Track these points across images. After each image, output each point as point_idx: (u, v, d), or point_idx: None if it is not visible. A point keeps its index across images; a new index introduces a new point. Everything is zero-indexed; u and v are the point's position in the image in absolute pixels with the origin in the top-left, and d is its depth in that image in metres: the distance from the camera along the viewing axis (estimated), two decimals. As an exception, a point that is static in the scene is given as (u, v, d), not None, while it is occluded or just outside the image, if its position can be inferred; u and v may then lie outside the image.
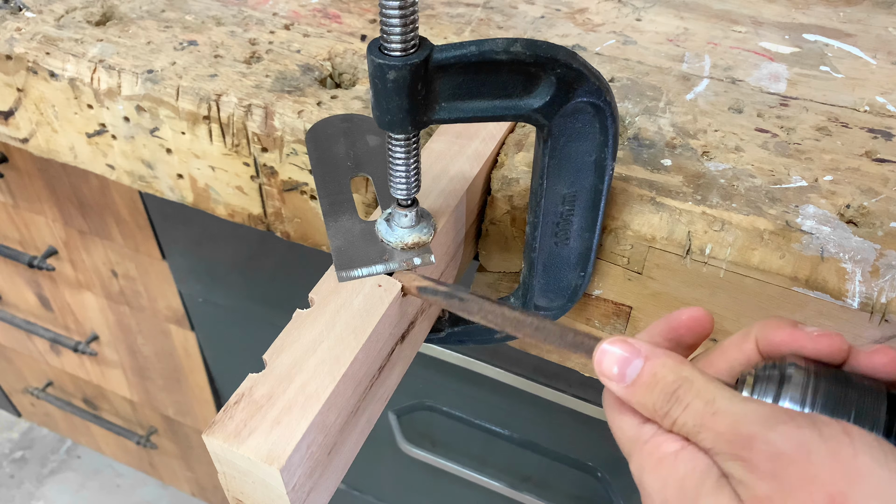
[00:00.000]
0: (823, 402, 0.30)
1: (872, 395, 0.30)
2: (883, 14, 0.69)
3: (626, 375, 0.32)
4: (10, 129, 0.66)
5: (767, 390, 0.31)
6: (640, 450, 0.32)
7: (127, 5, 0.66)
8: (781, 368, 0.31)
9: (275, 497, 0.35)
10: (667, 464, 0.31)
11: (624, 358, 0.33)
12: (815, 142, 0.52)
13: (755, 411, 0.29)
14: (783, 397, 0.30)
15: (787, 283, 0.44)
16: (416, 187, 0.41)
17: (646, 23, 0.67)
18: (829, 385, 0.30)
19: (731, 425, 0.29)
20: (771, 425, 0.28)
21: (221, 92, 0.56)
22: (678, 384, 0.31)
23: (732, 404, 0.30)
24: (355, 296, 0.41)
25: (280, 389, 0.36)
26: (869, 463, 0.27)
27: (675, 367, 0.32)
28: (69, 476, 1.76)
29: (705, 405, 0.30)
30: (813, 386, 0.30)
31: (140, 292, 0.99)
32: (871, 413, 0.30)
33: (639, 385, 0.32)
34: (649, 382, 0.32)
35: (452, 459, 0.87)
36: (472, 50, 0.36)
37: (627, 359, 0.33)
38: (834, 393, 0.30)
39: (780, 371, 0.31)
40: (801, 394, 0.30)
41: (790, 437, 0.28)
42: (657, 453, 0.31)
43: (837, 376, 0.31)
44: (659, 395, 0.32)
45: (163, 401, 1.23)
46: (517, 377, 0.73)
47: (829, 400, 0.30)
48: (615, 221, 0.47)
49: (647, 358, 0.32)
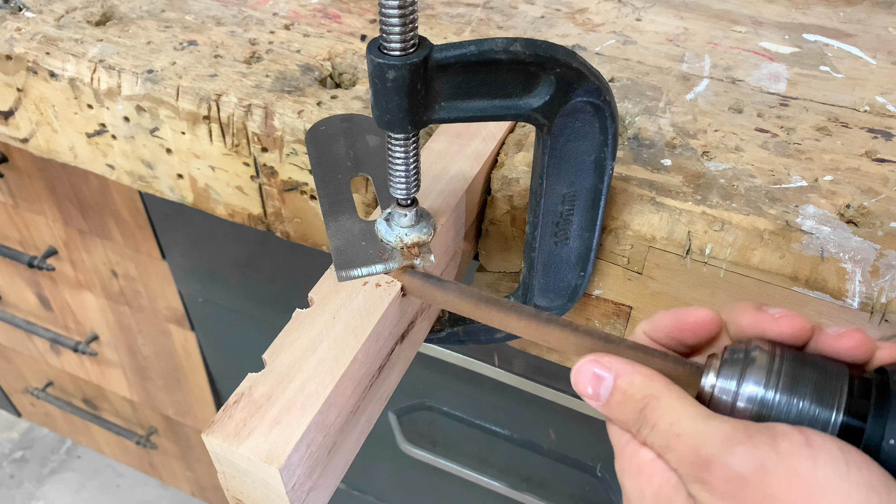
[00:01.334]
0: (784, 384, 0.30)
1: (833, 377, 0.31)
2: (883, 14, 0.69)
3: (600, 395, 0.33)
4: (10, 129, 0.66)
5: (732, 373, 0.31)
6: (622, 453, 0.33)
7: (127, 5, 0.66)
8: (746, 352, 0.32)
9: (274, 497, 0.35)
10: (644, 473, 0.31)
11: (596, 376, 0.33)
12: (815, 142, 0.52)
13: (716, 431, 0.29)
14: (746, 380, 0.31)
15: (787, 283, 0.44)
16: (415, 187, 0.41)
17: (646, 23, 0.67)
18: (791, 367, 0.31)
19: (692, 448, 0.29)
20: (729, 446, 0.28)
21: (221, 92, 0.56)
22: (645, 402, 0.32)
23: (695, 424, 0.30)
24: (355, 295, 0.41)
25: (280, 389, 0.36)
26: (830, 475, 0.27)
27: (643, 384, 0.32)
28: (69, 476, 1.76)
29: (670, 426, 0.31)
30: (776, 368, 0.31)
31: (140, 292, 0.99)
32: (831, 394, 0.30)
33: (612, 403, 0.33)
34: (620, 401, 0.33)
35: (452, 459, 0.87)
36: (472, 49, 0.36)
37: (599, 377, 0.33)
38: (795, 375, 0.31)
39: (744, 354, 0.32)
40: (763, 376, 0.31)
41: (746, 457, 0.28)
42: (636, 460, 0.32)
43: (800, 358, 0.31)
44: (630, 413, 0.32)
45: (163, 401, 1.23)
46: (517, 377, 0.73)
47: (789, 381, 0.30)
48: (615, 221, 0.47)
49: (617, 376, 0.33)
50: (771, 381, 0.31)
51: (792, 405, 0.30)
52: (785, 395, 0.30)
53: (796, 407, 0.30)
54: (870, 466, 0.27)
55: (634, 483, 0.32)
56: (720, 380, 0.32)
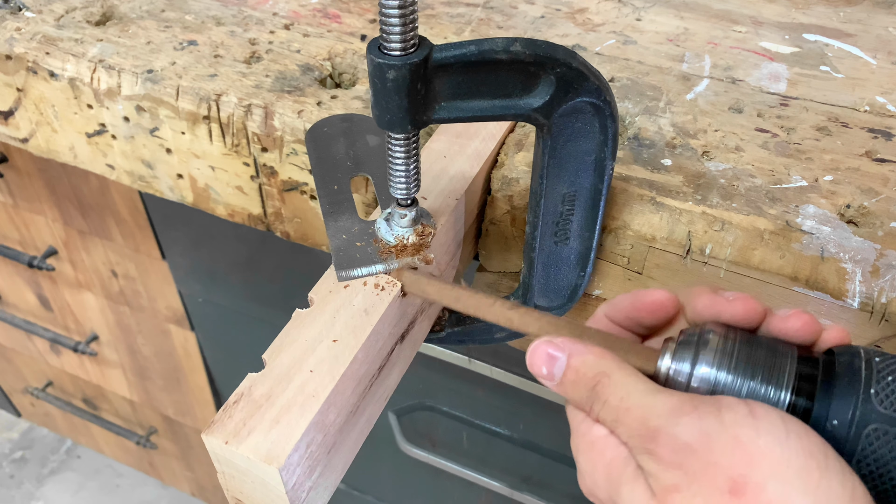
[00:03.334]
0: (735, 365, 0.32)
1: (782, 358, 0.32)
2: (883, 14, 0.69)
3: (554, 374, 0.34)
4: (10, 129, 0.66)
5: (686, 356, 0.33)
6: (577, 430, 0.34)
7: (127, 5, 0.66)
8: (700, 335, 0.33)
9: (274, 497, 0.35)
10: (597, 448, 0.33)
11: (550, 357, 0.34)
12: (816, 142, 0.52)
13: (664, 404, 0.30)
14: (699, 361, 0.32)
15: (788, 283, 0.44)
16: (415, 187, 0.41)
17: (646, 23, 0.67)
18: (742, 349, 0.32)
19: (641, 420, 0.30)
20: (676, 417, 0.29)
21: (221, 92, 0.56)
22: (597, 380, 0.33)
23: (644, 397, 0.31)
24: (355, 295, 0.41)
25: (279, 389, 0.36)
26: (770, 443, 0.28)
27: (595, 362, 0.33)
28: (69, 476, 1.76)
29: (620, 400, 0.32)
30: (728, 350, 0.32)
31: (140, 292, 0.99)
32: (780, 375, 0.31)
33: (565, 382, 0.34)
34: (573, 379, 0.33)
35: (452, 459, 0.87)
36: (472, 49, 0.36)
37: (553, 357, 0.34)
38: (746, 356, 0.32)
39: (698, 337, 0.33)
40: (715, 357, 0.32)
41: (692, 427, 0.29)
42: (589, 436, 0.33)
43: (751, 340, 0.33)
44: (582, 390, 0.33)
45: (163, 401, 1.23)
46: (517, 377, 0.73)
47: (740, 363, 0.32)
48: (615, 221, 0.47)
49: (570, 355, 0.34)
50: (723, 363, 0.32)
51: (743, 385, 0.32)
52: (736, 375, 0.32)
53: (747, 387, 0.32)
54: (809, 435, 0.29)
55: (587, 458, 0.33)
56: (675, 362, 0.33)
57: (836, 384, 0.31)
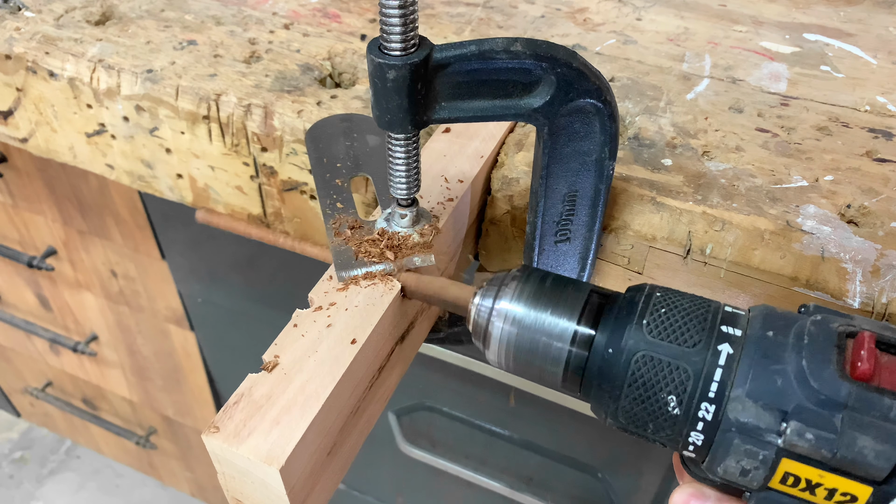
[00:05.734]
0: (530, 299, 0.35)
1: (577, 293, 0.35)
2: (883, 14, 0.69)
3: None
4: (10, 128, 0.66)
5: (490, 293, 0.37)
6: None
7: (126, 5, 0.66)
8: (504, 276, 0.37)
9: (274, 497, 0.35)
10: None
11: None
12: (816, 141, 0.52)
13: None
14: (500, 297, 0.36)
15: (788, 283, 0.44)
16: (415, 187, 0.41)
17: (646, 22, 0.67)
18: (539, 287, 0.36)
19: None
20: None
21: (221, 92, 0.56)
22: None
23: None
24: (355, 296, 0.40)
25: (279, 389, 0.36)
26: None
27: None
28: (69, 476, 1.76)
29: None
30: (527, 288, 0.36)
31: (139, 292, 0.99)
32: (570, 307, 0.35)
33: None
34: None
35: (452, 460, 0.87)
36: (472, 49, 0.36)
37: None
38: (541, 292, 0.36)
39: (502, 278, 0.37)
40: (514, 294, 0.36)
41: None
42: None
43: (548, 278, 0.37)
44: None
45: (162, 401, 1.23)
46: (517, 377, 0.73)
47: (534, 298, 0.36)
48: (615, 221, 0.47)
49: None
50: (520, 298, 0.36)
51: (536, 317, 0.35)
52: (530, 308, 0.35)
53: (539, 318, 0.35)
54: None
55: None
56: (480, 298, 0.37)
57: (614, 316, 0.34)
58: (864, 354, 0.30)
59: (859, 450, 0.28)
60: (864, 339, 0.30)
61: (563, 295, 0.35)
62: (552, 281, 0.36)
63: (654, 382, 0.32)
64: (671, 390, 0.32)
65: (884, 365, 0.30)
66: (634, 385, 0.32)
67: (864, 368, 0.29)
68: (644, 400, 0.32)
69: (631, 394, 0.33)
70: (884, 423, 0.28)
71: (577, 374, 0.35)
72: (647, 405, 0.32)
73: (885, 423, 0.28)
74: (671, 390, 0.32)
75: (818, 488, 0.30)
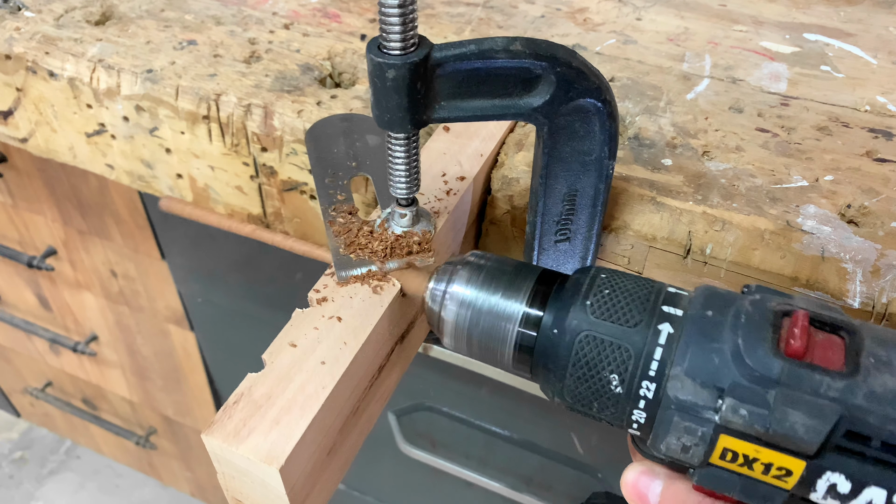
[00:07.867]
0: (481, 283, 0.37)
1: (526, 276, 0.37)
2: (883, 13, 0.69)
3: None
4: (10, 128, 0.66)
5: (443, 278, 0.38)
6: None
7: (126, 5, 0.66)
8: (457, 261, 0.38)
9: (274, 497, 0.35)
10: None
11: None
12: (816, 141, 0.52)
13: None
14: (452, 281, 0.37)
15: (788, 283, 0.44)
16: (415, 186, 0.41)
17: (646, 22, 0.67)
18: (491, 271, 0.37)
19: None
20: None
21: (221, 91, 0.56)
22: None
23: None
24: (355, 296, 0.40)
25: (279, 389, 0.36)
26: None
27: None
28: (68, 476, 1.76)
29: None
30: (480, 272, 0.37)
31: (139, 292, 0.99)
32: (519, 290, 0.36)
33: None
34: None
35: (452, 460, 0.87)
36: (472, 49, 0.36)
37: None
38: (492, 276, 0.37)
39: (454, 263, 0.38)
40: (467, 278, 0.37)
41: None
42: None
43: (500, 262, 0.38)
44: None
45: (162, 401, 1.22)
46: (517, 377, 0.73)
47: (485, 281, 0.37)
48: (616, 221, 0.47)
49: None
50: (472, 282, 0.37)
51: (487, 300, 0.36)
52: (481, 291, 0.37)
53: (490, 301, 0.36)
54: None
55: None
56: (434, 283, 0.38)
57: (561, 297, 0.35)
58: (796, 332, 0.30)
59: (791, 425, 0.29)
60: (798, 318, 0.31)
61: (515, 278, 0.37)
62: (505, 264, 0.37)
63: (597, 362, 0.33)
64: (613, 369, 0.33)
65: (818, 342, 0.31)
66: (578, 364, 0.33)
67: (796, 346, 0.30)
68: (588, 379, 0.33)
69: (575, 373, 0.33)
70: (814, 399, 0.29)
71: (526, 355, 0.36)
72: (591, 384, 0.33)
73: (815, 399, 0.29)
74: (613, 369, 0.33)
75: (755, 463, 0.30)
